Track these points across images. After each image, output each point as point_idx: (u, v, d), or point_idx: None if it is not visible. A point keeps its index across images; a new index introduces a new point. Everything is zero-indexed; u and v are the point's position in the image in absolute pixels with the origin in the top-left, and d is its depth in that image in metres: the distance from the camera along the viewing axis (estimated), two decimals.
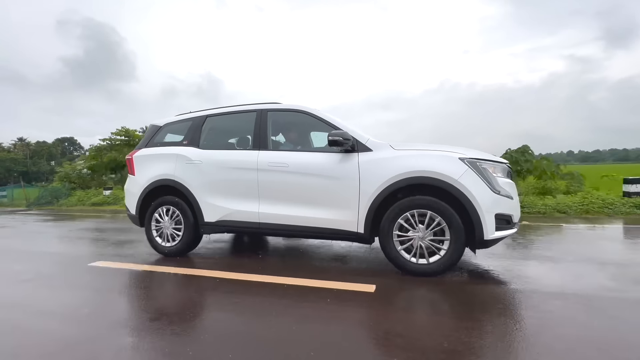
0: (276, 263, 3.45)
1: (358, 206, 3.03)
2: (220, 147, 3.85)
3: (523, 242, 4.24)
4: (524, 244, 4.16)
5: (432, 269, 2.83)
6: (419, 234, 2.84)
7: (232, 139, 4.08)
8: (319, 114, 3.38)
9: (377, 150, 3.08)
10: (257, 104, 3.75)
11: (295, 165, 3.27)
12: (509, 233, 2.85)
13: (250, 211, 3.43)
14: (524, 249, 3.95)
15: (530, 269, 3.09)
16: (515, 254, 3.71)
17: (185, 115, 4.13)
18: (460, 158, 2.83)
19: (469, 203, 2.72)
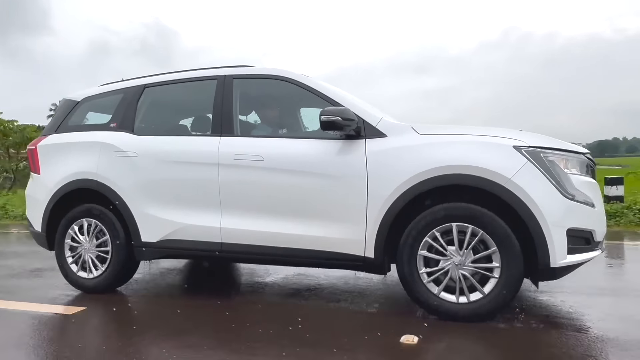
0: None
1: (365, 218, 2.85)
2: (164, 132, 3.62)
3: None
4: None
5: (474, 311, 2.65)
6: (456, 259, 2.74)
7: (185, 119, 3.97)
8: (309, 82, 3.18)
9: (394, 135, 2.92)
10: (218, 68, 3.62)
11: (273, 159, 3.09)
12: (589, 257, 2.66)
13: (208, 226, 3.21)
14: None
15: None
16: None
17: (114, 86, 3.87)
18: (516, 147, 2.68)
19: (528, 213, 2.53)
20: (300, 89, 3.22)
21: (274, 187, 3.06)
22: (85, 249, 3.61)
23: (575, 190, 2.65)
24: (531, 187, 2.58)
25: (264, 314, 2.97)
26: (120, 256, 3.51)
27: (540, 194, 2.58)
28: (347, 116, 2.84)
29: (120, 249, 3.50)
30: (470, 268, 2.68)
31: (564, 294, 3.35)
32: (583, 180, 2.74)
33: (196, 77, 3.58)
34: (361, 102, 3.40)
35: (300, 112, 3.93)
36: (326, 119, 2.82)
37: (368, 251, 2.86)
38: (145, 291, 3.69)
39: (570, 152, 2.80)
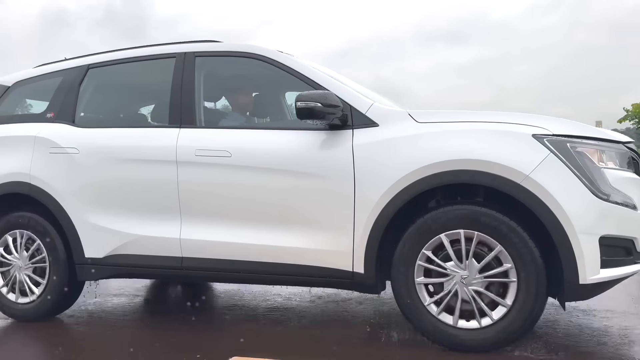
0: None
1: (353, 226, 2.90)
2: (112, 124, 3.73)
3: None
4: None
5: (485, 340, 2.69)
6: (462, 273, 2.73)
7: (144, 107, 3.99)
8: (287, 61, 3.26)
9: (387, 124, 2.96)
10: (178, 44, 3.66)
11: (243, 154, 3.16)
12: (631, 271, 2.71)
13: (165, 238, 3.31)
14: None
15: None
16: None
17: (52, 67, 4.02)
18: (536, 135, 2.70)
19: (551, 218, 2.58)
20: (277, 69, 3.27)
21: (244, 188, 3.18)
22: (17, 268, 3.66)
23: (611, 189, 2.72)
24: (554, 185, 2.65)
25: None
26: (59, 276, 3.60)
27: (566, 194, 2.65)
28: (329, 102, 2.89)
29: (60, 267, 3.62)
30: (478, 287, 2.69)
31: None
32: (622, 176, 2.81)
33: (150, 55, 3.69)
34: (353, 85, 3.43)
35: (284, 98, 3.95)
36: (303, 106, 2.89)
37: (357, 265, 2.97)
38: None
39: (607, 142, 2.88)
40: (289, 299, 4.13)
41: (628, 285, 3.96)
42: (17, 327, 3.66)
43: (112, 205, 3.48)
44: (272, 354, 2.80)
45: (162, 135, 3.40)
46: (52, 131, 3.72)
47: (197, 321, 3.59)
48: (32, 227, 3.69)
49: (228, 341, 3.11)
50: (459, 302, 2.75)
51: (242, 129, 3.40)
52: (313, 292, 4.25)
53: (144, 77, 3.80)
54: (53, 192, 3.60)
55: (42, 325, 3.61)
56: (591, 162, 2.71)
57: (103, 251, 3.49)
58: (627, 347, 2.87)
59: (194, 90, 3.44)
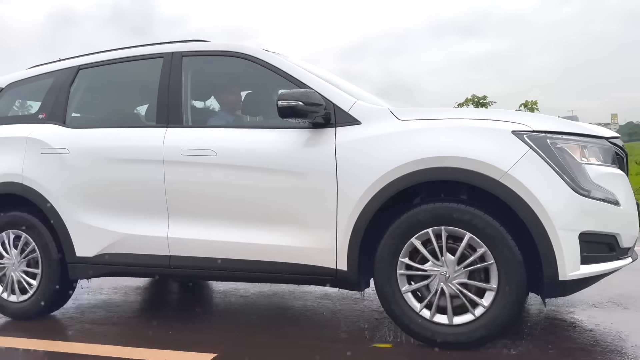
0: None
1: (336, 223, 2.93)
2: (102, 124, 3.78)
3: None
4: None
5: (465, 336, 2.70)
6: (443, 270, 2.74)
7: (134, 107, 4.03)
8: (271, 60, 3.28)
9: (369, 122, 2.98)
10: (166, 44, 3.69)
11: (228, 153, 3.19)
12: (614, 267, 2.72)
13: (153, 236, 3.36)
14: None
15: None
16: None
17: (45, 68, 4.07)
18: (515, 132, 2.70)
19: (530, 214, 2.59)
20: (263, 68, 3.31)
21: (229, 187, 3.21)
22: (11, 267, 3.71)
23: (592, 185, 2.71)
24: (533, 181, 2.66)
25: None
26: (51, 275, 3.64)
27: (545, 190, 2.66)
28: (311, 100, 2.91)
29: (52, 267, 3.65)
30: (457, 284, 2.69)
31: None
32: (605, 172, 2.80)
33: (139, 56, 3.74)
34: (341, 83, 3.44)
35: (271, 97, 3.98)
36: (284, 104, 2.91)
37: (340, 263, 2.99)
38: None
39: (590, 137, 2.85)
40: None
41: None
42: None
43: (101, 204, 3.53)
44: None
45: (149, 135, 3.44)
46: (44, 132, 3.77)
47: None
48: (26, 227, 3.74)
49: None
50: (430, 295, 2.77)
51: (228, 128, 3.42)
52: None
53: (133, 78, 3.84)
54: (45, 192, 3.66)
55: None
56: (572, 158, 2.70)
57: (93, 250, 3.54)
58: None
59: (180, 90, 3.48)
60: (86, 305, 4.19)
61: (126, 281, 4.94)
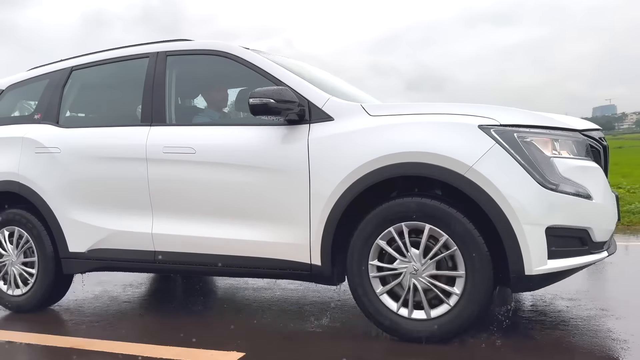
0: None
1: (309, 219, 2.98)
2: (92, 123, 3.90)
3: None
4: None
5: (436, 330, 2.72)
6: (412, 266, 2.76)
7: (122, 107, 4.13)
8: (249, 57, 3.34)
9: (341, 118, 3.01)
10: (152, 44, 3.77)
11: (206, 151, 3.26)
12: (585, 262, 2.70)
13: (138, 232, 3.46)
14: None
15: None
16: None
17: (41, 70, 4.21)
18: (482, 126, 2.70)
19: (494, 208, 2.59)
20: (242, 66, 3.36)
21: (207, 184, 3.29)
22: (10, 262, 3.85)
23: (559, 179, 2.69)
24: (498, 176, 2.66)
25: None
26: (47, 269, 3.75)
27: (510, 185, 2.66)
28: (283, 97, 2.95)
29: (48, 262, 3.78)
30: (428, 278, 2.70)
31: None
32: (576, 165, 2.78)
33: (126, 56, 3.83)
34: (318, 75, 3.46)
35: None
36: (256, 102, 2.96)
37: (314, 258, 3.04)
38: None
39: (561, 130, 2.80)
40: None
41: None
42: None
43: (91, 201, 3.65)
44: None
45: (134, 133, 3.53)
46: (38, 132, 3.91)
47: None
48: (23, 223, 3.90)
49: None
50: (421, 294, 2.77)
51: (209, 126, 3.48)
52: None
53: (122, 77, 3.93)
54: (39, 190, 3.80)
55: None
56: (539, 151, 2.68)
57: (85, 246, 3.67)
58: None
59: (165, 88, 3.56)
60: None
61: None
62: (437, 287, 2.74)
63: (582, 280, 4.03)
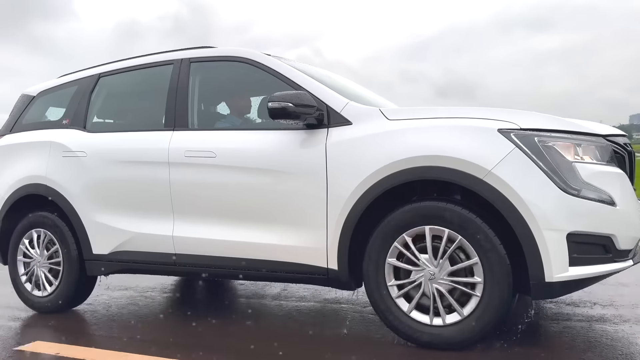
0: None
1: (326, 222, 2.97)
2: (118, 128, 3.96)
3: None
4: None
5: (452, 337, 2.67)
6: (428, 270, 2.72)
7: (146, 112, 4.18)
8: (270, 63, 3.36)
9: (360, 122, 3.00)
10: (176, 51, 3.83)
11: (226, 155, 3.28)
12: (609, 270, 2.62)
13: (159, 235, 3.49)
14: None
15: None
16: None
17: (70, 77, 4.32)
18: (502, 130, 2.66)
19: (514, 214, 2.54)
20: (263, 71, 3.40)
21: (227, 187, 3.31)
22: (37, 264, 3.93)
23: (582, 184, 2.62)
24: (518, 180, 2.61)
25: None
26: (72, 271, 3.81)
27: (531, 190, 2.60)
28: (302, 102, 2.96)
29: (72, 263, 3.83)
30: (447, 282, 2.65)
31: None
32: (599, 171, 2.71)
33: (151, 63, 3.91)
34: (338, 80, 3.46)
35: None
36: (275, 106, 2.97)
37: (331, 262, 3.02)
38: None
39: (584, 135, 2.73)
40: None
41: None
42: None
43: (114, 204, 3.71)
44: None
45: (157, 138, 3.59)
46: (65, 137, 4.00)
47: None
48: (49, 225, 3.98)
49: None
50: (436, 298, 2.73)
51: (230, 130, 3.51)
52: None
53: (146, 84, 4.00)
54: (65, 192, 3.88)
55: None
56: (561, 156, 2.62)
57: (108, 248, 3.72)
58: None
59: (187, 94, 3.61)
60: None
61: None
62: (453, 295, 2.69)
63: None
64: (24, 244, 4.08)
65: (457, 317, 2.69)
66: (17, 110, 4.49)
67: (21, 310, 4.05)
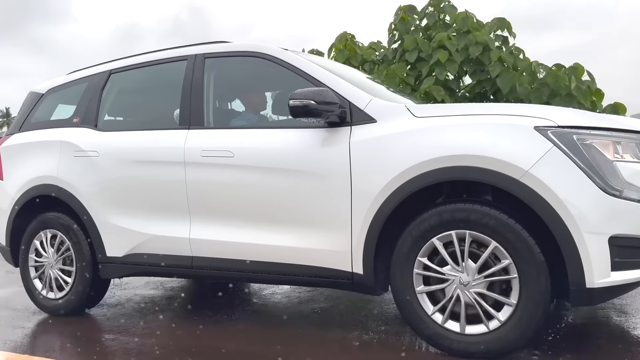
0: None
1: (350, 225, 2.84)
2: (131, 126, 3.84)
3: None
4: None
5: (484, 347, 2.54)
6: (460, 276, 2.58)
7: (160, 110, 4.06)
8: (288, 58, 3.23)
9: (385, 119, 2.86)
10: (190, 46, 3.70)
11: (244, 154, 3.15)
12: None
13: (176, 237, 3.38)
14: None
15: None
16: None
17: (80, 73, 4.19)
18: (538, 127, 2.51)
19: (553, 216, 2.40)
20: (281, 67, 3.26)
21: (245, 188, 3.20)
22: (49, 266, 3.83)
23: (623, 184, 2.50)
24: (557, 181, 2.47)
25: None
26: (85, 274, 3.72)
27: (570, 190, 2.46)
28: (324, 99, 2.83)
29: (85, 266, 3.73)
30: (477, 290, 2.52)
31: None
32: None
33: (165, 59, 3.79)
34: (357, 76, 3.31)
35: None
36: (296, 104, 2.85)
37: (356, 266, 2.89)
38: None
39: (625, 132, 2.60)
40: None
41: None
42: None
43: (128, 205, 3.59)
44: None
45: (171, 137, 3.46)
46: (76, 136, 3.88)
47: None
48: (61, 227, 3.86)
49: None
50: (463, 307, 2.60)
51: (248, 129, 3.38)
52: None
53: (160, 80, 3.87)
54: (77, 193, 3.76)
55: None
56: (601, 155, 2.48)
57: (122, 250, 3.61)
58: None
59: (202, 91, 3.48)
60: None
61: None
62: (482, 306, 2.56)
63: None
64: (35, 245, 3.97)
65: (484, 329, 2.56)
66: (26, 108, 4.37)
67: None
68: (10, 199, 4.06)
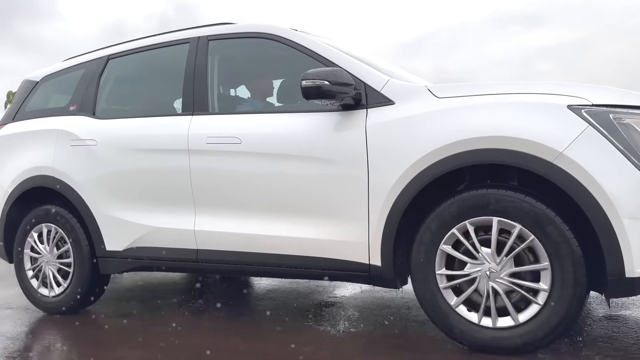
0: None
1: (368, 214, 2.67)
2: (131, 114, 3.67)
3: None
4: None
5: (514, 340, 2.39)
6: (486, 267, 2.41)
7: (161, 96, 3.88)
8: (299, 39, 3.06)
9: (404, 101, 2.69)
10: (193, 29, 3.52)
11: (252, 140, 2.98)
12: None
13: (180, 229, 3.21)
14: None
15: None
16: None
17: (76, 60, 4.02)
18: (572, 106, 2.35)
19: (590, 201, 2.24)
20: (291, 48, 3.10)
21: (254, 176, 3.04)
22: (45, 261, 3.65)
23: None
24: (594, 163, 2.30)
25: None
26: (84, 269, 3.54)
27: (608, 173, 2.30)
28: (338, 80, 2.66)
29: (84, 261, 3.57)
30: (507, 280, 2.35)
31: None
32: None
33: (166, 42, 3.63)
34: (369, 57, 3.15)
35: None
36: (309, 84, 2.68)
37: (373, 258, 2.74)
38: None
39: None
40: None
41: None
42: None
43: (129, 196, 3.42)
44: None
45: (174, 123, 3.29)
46: (73, 124, 3.70)
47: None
48: (58, 220, 3.68)
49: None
50: (492, 299, 2.43)
51: (255, 114, 3.21)
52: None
53: (161, 65, 3.71)
54: (75, 184, 3.58)
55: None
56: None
57: (123, 244, 3.44)
58: None
59: (207, 75, 3.31)
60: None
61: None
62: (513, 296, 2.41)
63: None
64: (31, 239, 3.78)
65: (511, 322, 2.41)
66: (20, 96, 4.19)
67: None
68: (3, 191, 3.88)
